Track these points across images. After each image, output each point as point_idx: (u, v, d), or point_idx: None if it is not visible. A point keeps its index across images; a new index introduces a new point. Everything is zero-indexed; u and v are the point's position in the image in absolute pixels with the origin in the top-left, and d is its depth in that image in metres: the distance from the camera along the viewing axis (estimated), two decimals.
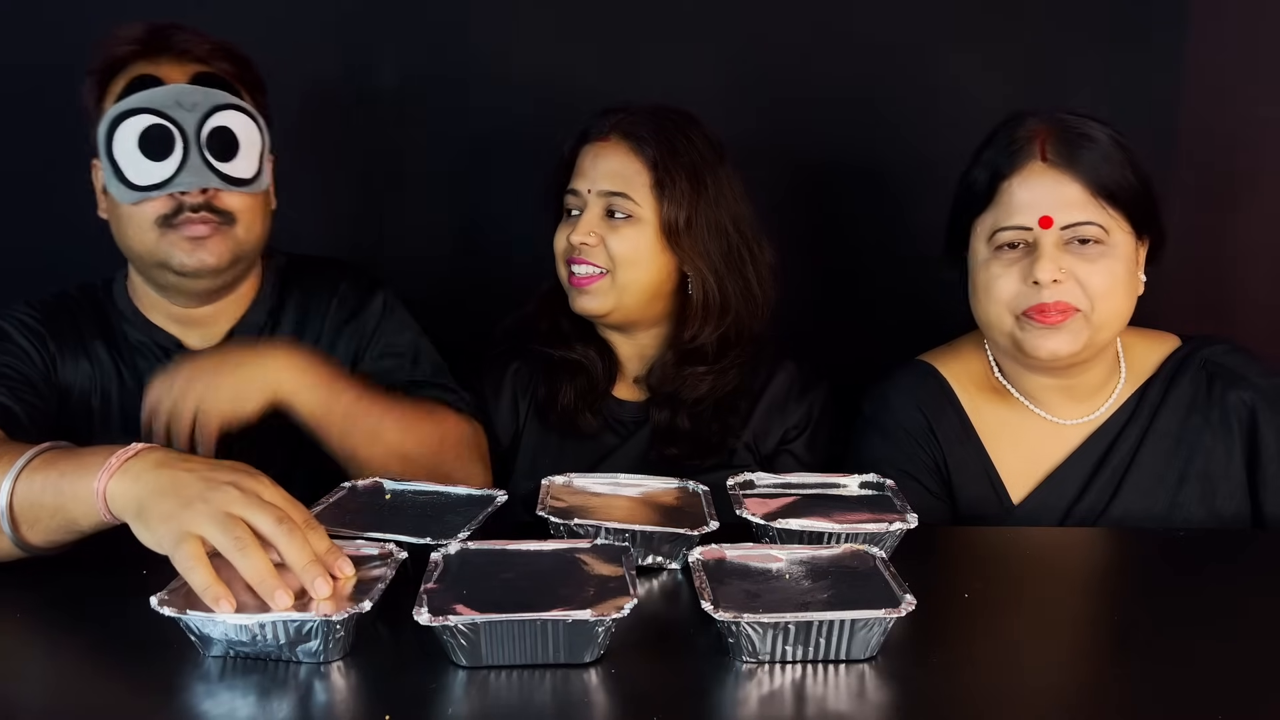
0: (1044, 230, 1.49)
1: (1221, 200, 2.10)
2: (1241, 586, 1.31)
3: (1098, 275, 1.49)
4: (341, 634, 1.04)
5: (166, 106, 1.52)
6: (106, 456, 1.14)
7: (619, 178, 1.68)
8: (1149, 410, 1.61)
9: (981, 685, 1.06)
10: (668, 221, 1.67)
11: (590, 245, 1.68)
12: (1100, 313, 1.50)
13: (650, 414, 1.75)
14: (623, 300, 1.70)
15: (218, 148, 1.54)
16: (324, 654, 1.03)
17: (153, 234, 1.55)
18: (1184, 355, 1.64)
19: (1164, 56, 2.08)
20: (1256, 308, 2.12)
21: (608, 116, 1.72)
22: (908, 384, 1.67)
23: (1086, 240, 1.49)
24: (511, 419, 1.79)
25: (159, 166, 1.52)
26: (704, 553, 1.16)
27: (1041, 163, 1.50)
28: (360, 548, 1.17)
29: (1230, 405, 1.60)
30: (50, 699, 1.03)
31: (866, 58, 2.09)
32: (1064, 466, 1.61)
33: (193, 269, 1.56)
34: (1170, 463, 1.59)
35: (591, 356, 1.77)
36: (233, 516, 1.06)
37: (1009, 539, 1.51)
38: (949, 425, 1.64)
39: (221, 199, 1.56)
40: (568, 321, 1.78)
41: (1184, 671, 1.07)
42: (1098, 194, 1.48)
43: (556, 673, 1.02)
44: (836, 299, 2.16)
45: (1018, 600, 1.26)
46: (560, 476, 1.40)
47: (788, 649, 1.04)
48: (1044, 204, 1.49)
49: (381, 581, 1.09)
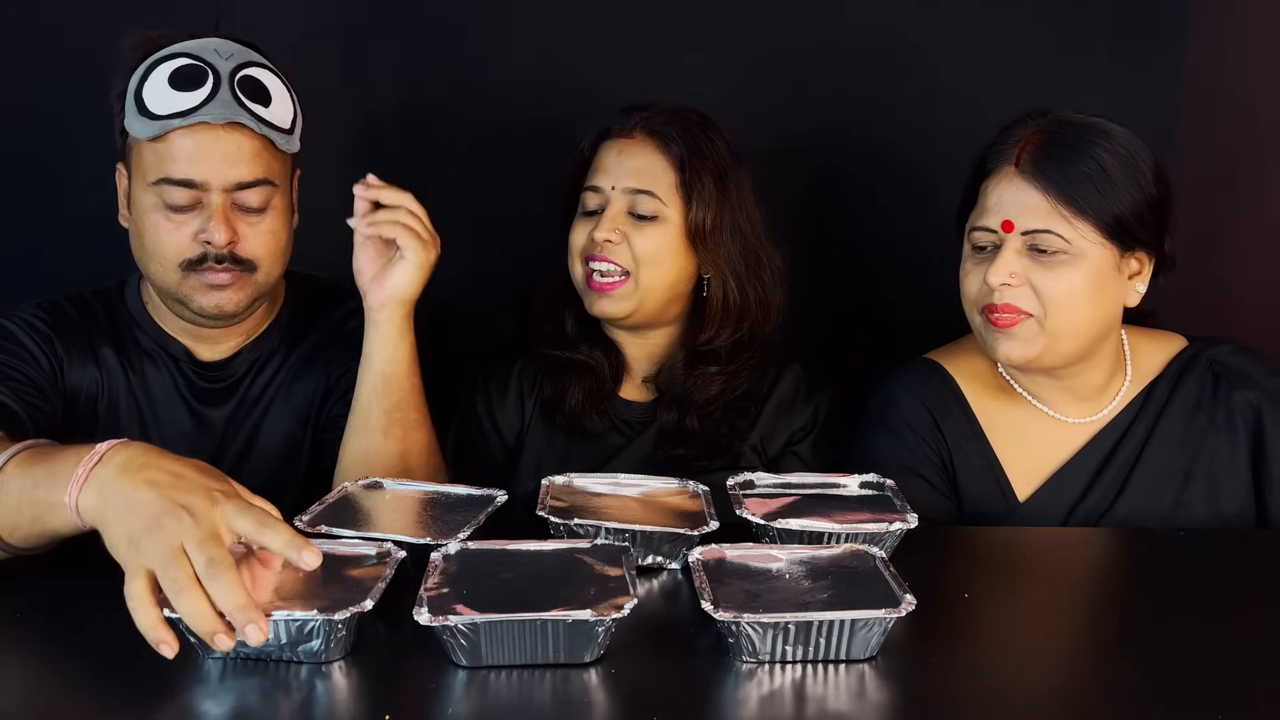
0: (1005, 234, 1.51)
1: (1221, 201, 2.10)
2: (1242, 586, 1.31)
3: (1053, 284, 1.50)
4: (344, 633, 1.04)
5: (203, 52, 1.49)
6: (75, 464, 1.09)
7: (645, 175, 1.66)
8: (1155, 410, 1.62)
9: (981, 685, 1.06)
10: (694, 223, 1.66)
11: (614, 243, 1.65)
12: (1055, 320, 1.51)
13: (658, 414, 1.74)
14: (643, 302, 1.68)
15: (250, 90, 1.50)
16: (325, 653, 1.03)
17: (174, 275, 1.53)
18: (1190, 356, 1.65)
19: (1164, 56, 2.08)
20: (1257, 307, 2.12)
21: (631, 114, 1.70)
22: (913, 381, 1.68)
23: (1044, 249, 1.50)
24: (517, 418, 1.78)
25: (186, 96, 1.47)
26: (704, 553, 1.16)
27: (1014, 168, 1.52)
28: (356, 547, 1.17)
29: (1236, 406, 1.61)
30: (50, 702, 1.02)
31: (871, 59, 2.09)
32: (1069, 464, 1.61)
33: (211, 312, 1.55)
34: (1175, 462, 1.60)
35: (598, 357, 1.75)
36: (177, 554, 1.00)
37: (1009, 538, 1.51)
38: (955, 422, 1.64)
39: (245, 248, 1.53)
40: (574, 321, 1.77)
41: (1184, 671, 1.07)
42: (1062, 204, 1.49)
43: (556, 673, 1.02)
44: (841, 300, 2.15)
45: (1018, 600, 1.26)
46: (560, 476, 1.40)
47: (788, 649, 1.04)
48: (1008, 209, 1.51)
49: (381, 580, 1.09)
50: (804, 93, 2.09)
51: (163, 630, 0.99)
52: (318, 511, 1.28)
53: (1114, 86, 2.06)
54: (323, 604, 1.04)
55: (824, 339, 1.97)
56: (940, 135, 2.04)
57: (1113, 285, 1.54)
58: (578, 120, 1.76)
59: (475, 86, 2.09)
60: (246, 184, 1.52)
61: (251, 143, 1.51)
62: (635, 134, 1.68)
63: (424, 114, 2.10)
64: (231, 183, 1.50)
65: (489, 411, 1.78)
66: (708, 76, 2.05)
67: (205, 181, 1.49)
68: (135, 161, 1.54)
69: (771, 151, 1.81)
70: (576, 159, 1.74)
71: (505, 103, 2.08)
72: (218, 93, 1.47)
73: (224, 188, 1.50)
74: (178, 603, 0.99)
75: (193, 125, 1.47)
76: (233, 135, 1.49)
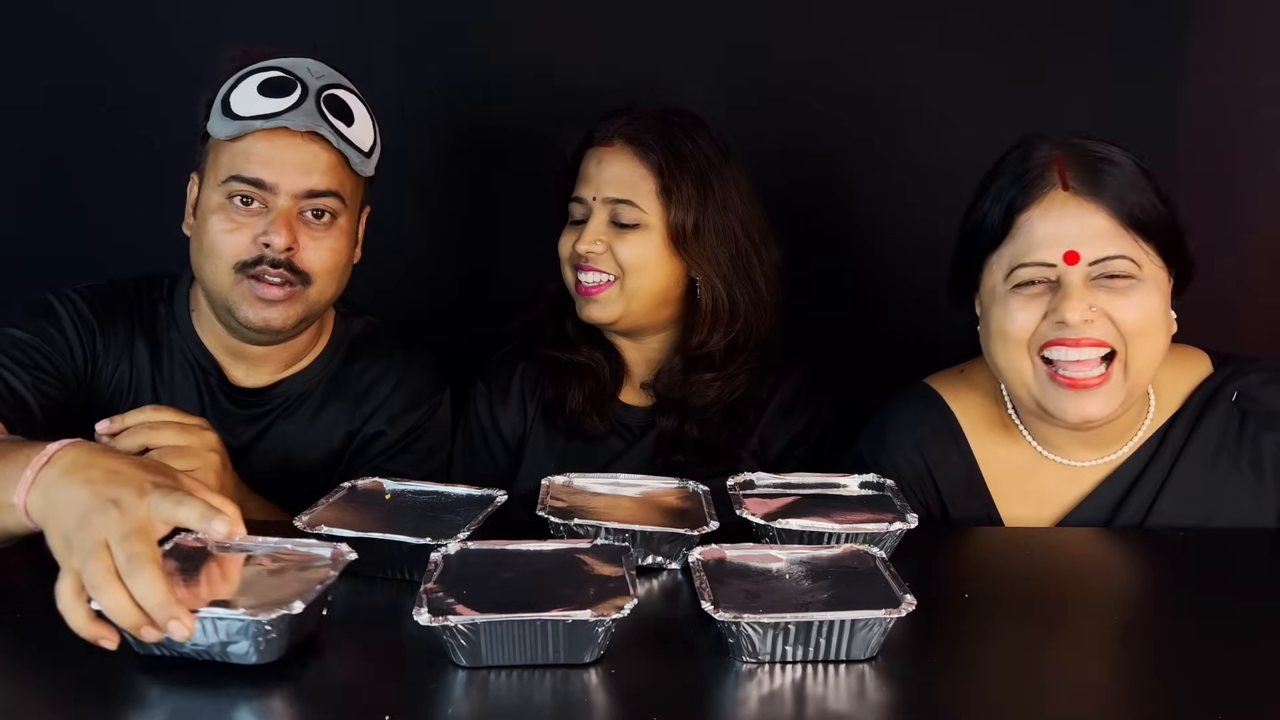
0: (1070, 266, 1.34)
1: (1221, 201, 2.10)
2: (1243, 587, 1.31)
3: (1133, 310, 1.34)
4: (273, 636, 1.00)
5: (296, 68, 1.51)
6: (24, 466, 1.08)
7: (624, 184, 1.67)
8: (1171, 453, 1.46)
9: (981, 685, 1.06)
10: (675, 228, 1.66)
11: (597, 253, 1.66)
12: (1137, 355, 1.36)
13: (657, 421, 1.74)
14: (631, 307, 1.69)
15: (334, 108, 1.51)
16: (256, 655, 1.01)
17: (228, 277, 1.53)
18: (1215, 386, 1.48)
19: (1164, 57, 2.08)
20: (1257, 308, 2.12)
21: (611, 120, 1.70)
22: (908, 420, 1.56)
23: (1116, 275, 1.35)
24: (520, 420, 1.79)
25: (272, 101, 1.48)
26: (704, 553, 1.16)
27: (1063, 191, 1.36)
28: (312, 548, 1.15)
29: (1264, 449, 1.45)
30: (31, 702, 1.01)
31: (870, 62, 2.09)
32: (1075, 512, 1.48)
33: (258, 325, 1.55)
34: (1191, 513, 1.45)
35: (598, 360, 1.76)
36: (100, 549, 0.99)
37: (1009, 540, 1.50)
38: (950, 467, 1.52)
39: (303, 258, 1.52)
40: (573, 324, 1.77)
41: (1184, 672, 1.07)
42: (1127, 224, 1.35)
43: (556, 673, 1.02)
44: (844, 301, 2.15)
45: (1018, 600, 1.26)
46: (560, 476, 1.40)
47: (788, 649, 1.04)
48: (1069, 238, 1.35)
49: (321, 583, 1.06)
50: (802, 93, 2.09)
51: (96, 626, 0.99)
52: (318, 511, 1.28)
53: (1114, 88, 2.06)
54: (252, 605, 1.02)
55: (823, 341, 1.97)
56: (940, 136, 2.04)
57: (1169, 310, 1.39)
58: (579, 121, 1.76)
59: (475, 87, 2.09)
60: (316, 193, 1.52)
61: (328, 156, 1.52)
62: (615, 142, 1.69)
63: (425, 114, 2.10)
64: (301, 189, 1.50)
65: (491, 416, 1.78)
66: (708, 76, 2.05)
67: (275, 184, 1.49)
68: (210, 163, 1.54)
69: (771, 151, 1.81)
70: (563, 167, 1.74)
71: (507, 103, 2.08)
72: (303, 103, 1.49)
73: (293, 193, 1.50)
74: (98, 597, 0.97)
75: (273, 130, 1.48)
76: (310, 145, 1.51)
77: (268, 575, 1.10)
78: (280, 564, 1.12)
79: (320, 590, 1.05)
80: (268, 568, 1.11)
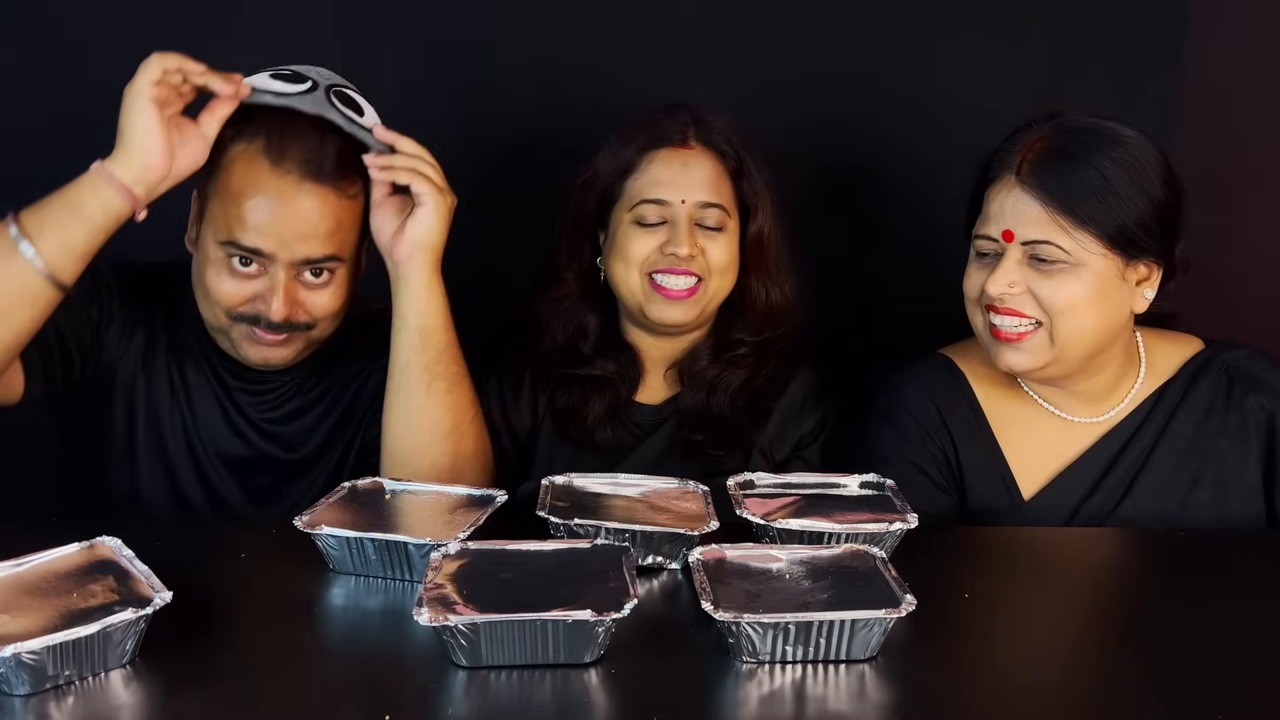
0: (1006, 243, 1.52)
1: (1222, 201, 2.10)
2: (1243, 586, 1.31)
3: (1056, 291, 1.50)
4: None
5: (308, 70, 1.51)
6: (88, 173, 1.38)
7: (710, 188, 1.67)
8: (1165, 412, 1.62)
9: (982, 685, 1.06)
10: (755, 233, 1.70)
11: (693, 256, 1.65)
12: (1062, 329, 1.51)
13: (682, 399, 1.74)
14: (706, 309, 1.70)
15: (343, 99, 1.51)
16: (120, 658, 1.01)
17: (226, 319, 1.52)
18: (1205, 359, 1.65)
19: (1164, 58, 2.08)
20: (1257, 307, 2.12)
21: (675, 118, 1.69)
22: (922, 376, 1.68)
23: (1043, 259, 1.50)
24: (530, 417, 1.77)
25: (283, 84, 1.48)
26: (704, 553, 1.16)
27: (1015, 177, 1.51)
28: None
29: (1249, 410, 1.60)
30: None
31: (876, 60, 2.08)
32: (1076, 464, 1.61)
33: (258, 363, 1.55)
34: (1184, 465, 1.59)
35: (615, 370, 1.74)
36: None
37: (1009, 539, 1.51)
38: (961, 418, 1.64)
39: (305, 310, 1.51)
40: (596, 329, 1.75)
41: (1185, 671, 1.08)
42: (1061, 215, 1.48)
43: (556, 673, 1.02)
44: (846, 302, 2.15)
45: (1018, 600, 1.26)
46: (560, 476, 1.40)
47: (788, 649, 1.04)
48: (1008, 218, 1.51)
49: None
50: (806, 90, 2.09)
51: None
52: (318, 511, 1.28)
53: (1114, 88, 2.06)
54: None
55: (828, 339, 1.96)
56: (942, 134, 2.04)
57: (1117, 293, 1.53)
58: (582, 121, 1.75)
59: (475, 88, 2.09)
60: (314, 260, 1.50)
61: (330, 220, 1.49)
62: (692, 144, 1.68)
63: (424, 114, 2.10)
64: (299, 259, 1.49)
65: (502, 412, 1.76)
66: (708, 76, 2.05)
67: (273, 254, 1.47)
68: (209, 209, 1.52)
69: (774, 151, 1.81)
70: (615, 165, 1.69)
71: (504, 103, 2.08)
72: (313, 92, 1.48)
73: (291, 263, 1.48)
74: (151, 64, 1.34)
75: (273, 197, 1.46)
76: (312, 204, 1.47)
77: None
78: None
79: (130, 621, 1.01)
80: None
